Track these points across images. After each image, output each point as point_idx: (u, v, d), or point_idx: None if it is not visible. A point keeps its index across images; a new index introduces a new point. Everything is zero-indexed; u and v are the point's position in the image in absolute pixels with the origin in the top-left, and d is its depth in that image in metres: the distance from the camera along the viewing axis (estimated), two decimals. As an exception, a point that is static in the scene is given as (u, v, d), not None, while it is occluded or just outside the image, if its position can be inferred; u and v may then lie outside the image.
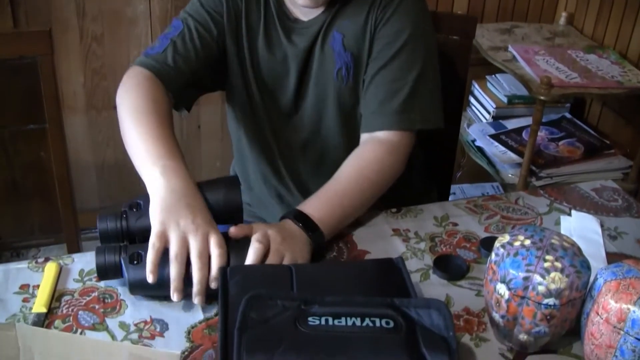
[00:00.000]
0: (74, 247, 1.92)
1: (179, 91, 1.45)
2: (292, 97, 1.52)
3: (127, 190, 2.82)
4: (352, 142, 1.52)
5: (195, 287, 1.10)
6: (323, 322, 0.95)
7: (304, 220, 1.25)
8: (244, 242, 1.16)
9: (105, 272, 1.14)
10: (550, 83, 2.16)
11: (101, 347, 0.92)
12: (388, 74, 1.44)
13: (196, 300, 1.11)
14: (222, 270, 1.10)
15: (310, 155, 1.58)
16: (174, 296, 1.10)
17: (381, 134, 1.43)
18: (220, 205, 1.22)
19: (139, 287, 1.13)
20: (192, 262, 1.10)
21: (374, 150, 1.42)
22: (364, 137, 1.46)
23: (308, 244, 1.23)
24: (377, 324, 0.95)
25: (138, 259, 1.12)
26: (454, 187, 2.77)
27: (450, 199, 2.02)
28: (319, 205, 1.30)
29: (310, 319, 0.95)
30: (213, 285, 1.11)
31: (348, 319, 0.95)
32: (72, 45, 2.52)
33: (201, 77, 1.49)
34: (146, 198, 1.20)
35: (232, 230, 1.18)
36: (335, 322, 0.95)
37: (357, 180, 1.36)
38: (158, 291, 1.12)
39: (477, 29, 2.17)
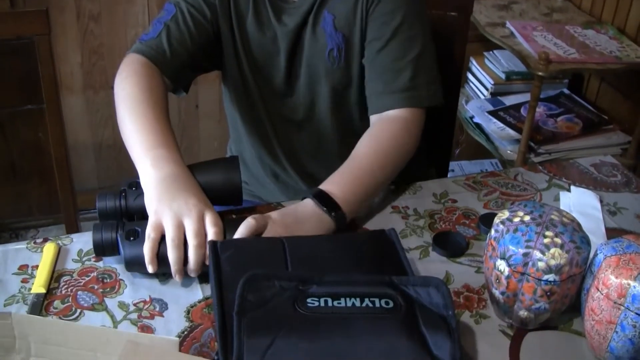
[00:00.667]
0: (73, 228, 1.92)
1: (175, 74, 1.45)
2: (284, 78, 1.51)
3: (126, 171, 2.81)
4: (345, 123, 1.53)
5: (191, 265, 1.10)
6: (322, 303, 0.94)
7: (325, 200, 1.23)
8: (242, 222, 1.16)
9: (102, 249, 1.14)
10: (548, 59, 2.15)
11: (98, 334, 0.91)
12: (389, 54, 1.42)
13: (192, 274, 1.12)
14: (213, 245, 1.09)
15: (305, 135, 1.58)
16: (176, 277, 1.11)
17: (391, 113, 1.42)
18: (220, 185, 1.21)
19: (135, 264, 1.12)
20: (188, 242, 1.10)
21: (387, 128, 1.41)
22: (374, 118, 1.45)
23: (326, 226, 1.21)
24: (377, 304, 0.95)
25: (135, 236, 1.12)
26: (452, 164, 2.77)
27: (448, 176, 2.01)
28: (341, 184, 1.27)
29: (309, 300, 0.95)
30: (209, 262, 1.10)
31: (347, 299, 0.95)
32: (69, 24, 2.50)
33: (197, 59, 1.48)
34: None
35: (250, 221, 1.15)
36: (335, 303, 0.94)
37: (376, 158, 1.35)
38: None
39: (475, 5, 2.15)
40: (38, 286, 1.11)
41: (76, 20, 2.50)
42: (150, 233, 1.10)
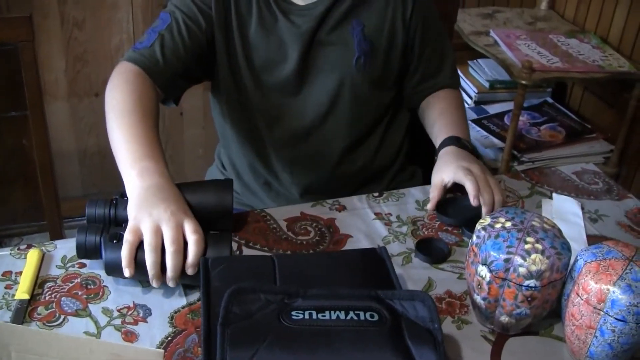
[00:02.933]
0: (57, 235, 1.92)
1: (167, 84, 1.43)
2: (293, 84, 1.50)
3: (111, 178, 2.78)
4: (357, 130, 1.56)
5: (169, 273, 1.10)
6: (307, 316, 0.95)
7: (463, 145, 1.43)
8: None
9: (84, 251, 1.14)
10: (532, 67, 2.17)
11: (81, 344, 0.90)
12: (435, 48, 1.60)
13: (170, 284, 1.11)
14: (204, 261, 1.09)
15: (307, 144, 1.56)
16: (153, 282, 1.10)
17: (447, 93, 1.62)
18: (211, 208, 1.21)
19: (114, 269, 1.12)
20: (165, 249, 1.10)
21: (455, 103, 1.61)
22: (427, 99, 1.62)
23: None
24: (362, 317, 0.95)
25: (117, 239, 1.12)
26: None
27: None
28: (460, 131, 1.48)
29: (293, 313, 0.95)
30: (190, 271, 1.10)
31: (332, 312, 0.95)
32: (53, 31, 2.50)
33: (189, 70, 1.46)
34: None
35: None
36: (319, 316, 0.95)
37: (457, 107, 1.59)
38: (134, 275, 1.12)
39: (459, 13, 2.18)
40: (22, 292, 1.10)
41: (60, 26, 2.50)
42: (128, 237, 1.10)
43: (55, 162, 1.80)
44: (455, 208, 1.34)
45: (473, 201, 1.28)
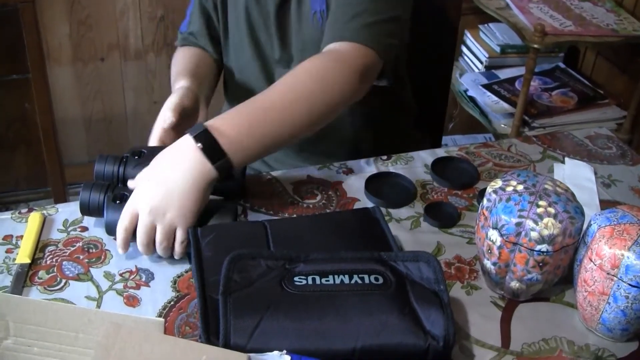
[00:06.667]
0: (62, 201, 1.90)
1: (219, 49, 1.55)
2: (278, 45, 1.47)
3: (116, 144, 2.79)
4: None
5: (159, 252, 1.10)
6: (310, 281, 0.93)
7: (208, 145, 1.09)
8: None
9: (87, 208, 1.12)
10: (544, 31, 2.12)
11: (79, 314, 0.88)
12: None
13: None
14: (193, 231, 1.07)
15: None
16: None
17: (331, 46, 1.27)
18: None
19: (114, 230, 1.09)
20: (156, 242, 1.09)
21: (316, 58, 1.25)
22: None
23: (204, 176, 1.09)
24: (366, 280, 0.93)
25: (122, 200, 1.10)
26: (446, 139, 2.75)
27: (442, 149, 1.99)
28: (237, 119, 1.15)
29: (296, 278, 0.93)
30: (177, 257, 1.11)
31: (335, 277, 0.93)
32: (56, -5, 2.46)
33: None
34: (151, 150, 1.17)
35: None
36: (323, 280, 0.93)
37: (291, 89, 1.20)
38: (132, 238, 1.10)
39: (470, -24, 2.13)
40: (23, 256, 1.09)
41: (63, -10, 2.47)
42: (125, 223, 1.07)
43: (60, 129, 1.79)
44: (452, 170, 1.31)
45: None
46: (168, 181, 1.09)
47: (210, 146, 1.09)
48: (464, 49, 2.73)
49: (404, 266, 0.97)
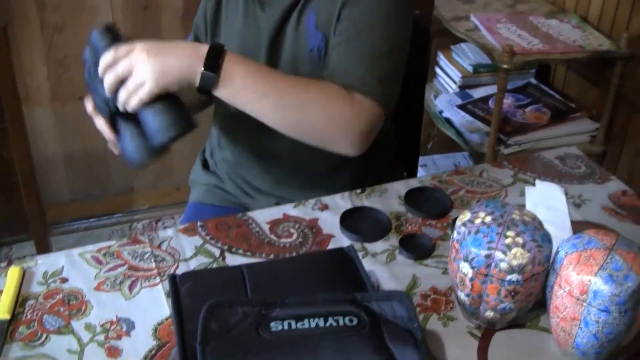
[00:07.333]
0: (43, 244, 1.91)
1: None
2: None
3: (98, 181, 2.80)
4: None
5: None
6: (286, 326, 0.94)
7: (214, 55, 1.21)
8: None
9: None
10: (512, 51, 2.16)
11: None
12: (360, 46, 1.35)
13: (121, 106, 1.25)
14: (172, 278, 1.09)
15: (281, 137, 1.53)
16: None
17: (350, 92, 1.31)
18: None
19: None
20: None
21: (346, 91, 1.30)
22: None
23: (188, 76, 1.22)
24: (341, 322, 0.95)
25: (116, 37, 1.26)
26: (425, 159, 2.78)
27: (420, 170, 2.01)
28: (253, 68, 1.27)
29: (272, 324, 0.94)
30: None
31: (311, 320, 0.94)
32: (33, 37, 2.47)
33: None
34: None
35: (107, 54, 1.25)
36: (298, 324, 0.94)
37: (310, 91, 1.29)
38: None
39: (437, -1, 2.16)
40: (2, 312, 1.09)
41: (40, 32, 2.48)
42: (111, 52, 1.23)
43: (41, 168, 1.79)
44: (425, 200, 1.34)
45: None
46: (162, 52, 1.20)
47: (214, 57, 1.21)
48: (438, 70, 2.76)
49: (378, 306, 0.98)
